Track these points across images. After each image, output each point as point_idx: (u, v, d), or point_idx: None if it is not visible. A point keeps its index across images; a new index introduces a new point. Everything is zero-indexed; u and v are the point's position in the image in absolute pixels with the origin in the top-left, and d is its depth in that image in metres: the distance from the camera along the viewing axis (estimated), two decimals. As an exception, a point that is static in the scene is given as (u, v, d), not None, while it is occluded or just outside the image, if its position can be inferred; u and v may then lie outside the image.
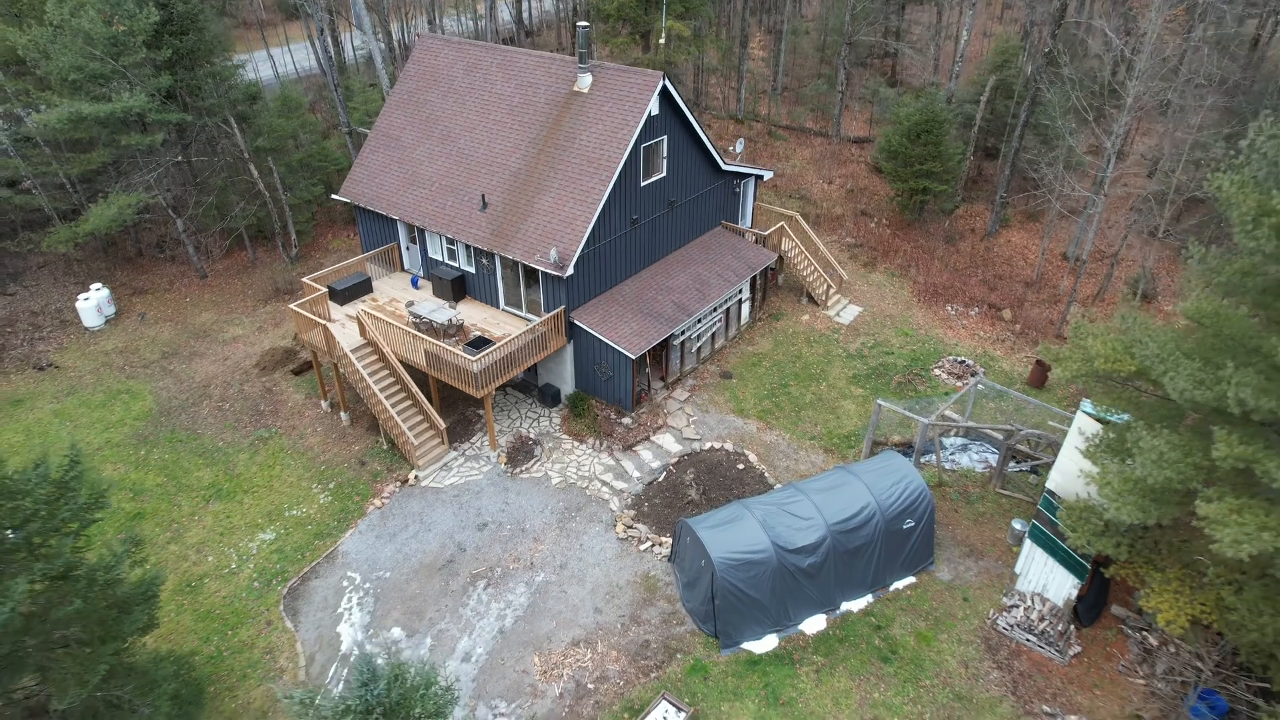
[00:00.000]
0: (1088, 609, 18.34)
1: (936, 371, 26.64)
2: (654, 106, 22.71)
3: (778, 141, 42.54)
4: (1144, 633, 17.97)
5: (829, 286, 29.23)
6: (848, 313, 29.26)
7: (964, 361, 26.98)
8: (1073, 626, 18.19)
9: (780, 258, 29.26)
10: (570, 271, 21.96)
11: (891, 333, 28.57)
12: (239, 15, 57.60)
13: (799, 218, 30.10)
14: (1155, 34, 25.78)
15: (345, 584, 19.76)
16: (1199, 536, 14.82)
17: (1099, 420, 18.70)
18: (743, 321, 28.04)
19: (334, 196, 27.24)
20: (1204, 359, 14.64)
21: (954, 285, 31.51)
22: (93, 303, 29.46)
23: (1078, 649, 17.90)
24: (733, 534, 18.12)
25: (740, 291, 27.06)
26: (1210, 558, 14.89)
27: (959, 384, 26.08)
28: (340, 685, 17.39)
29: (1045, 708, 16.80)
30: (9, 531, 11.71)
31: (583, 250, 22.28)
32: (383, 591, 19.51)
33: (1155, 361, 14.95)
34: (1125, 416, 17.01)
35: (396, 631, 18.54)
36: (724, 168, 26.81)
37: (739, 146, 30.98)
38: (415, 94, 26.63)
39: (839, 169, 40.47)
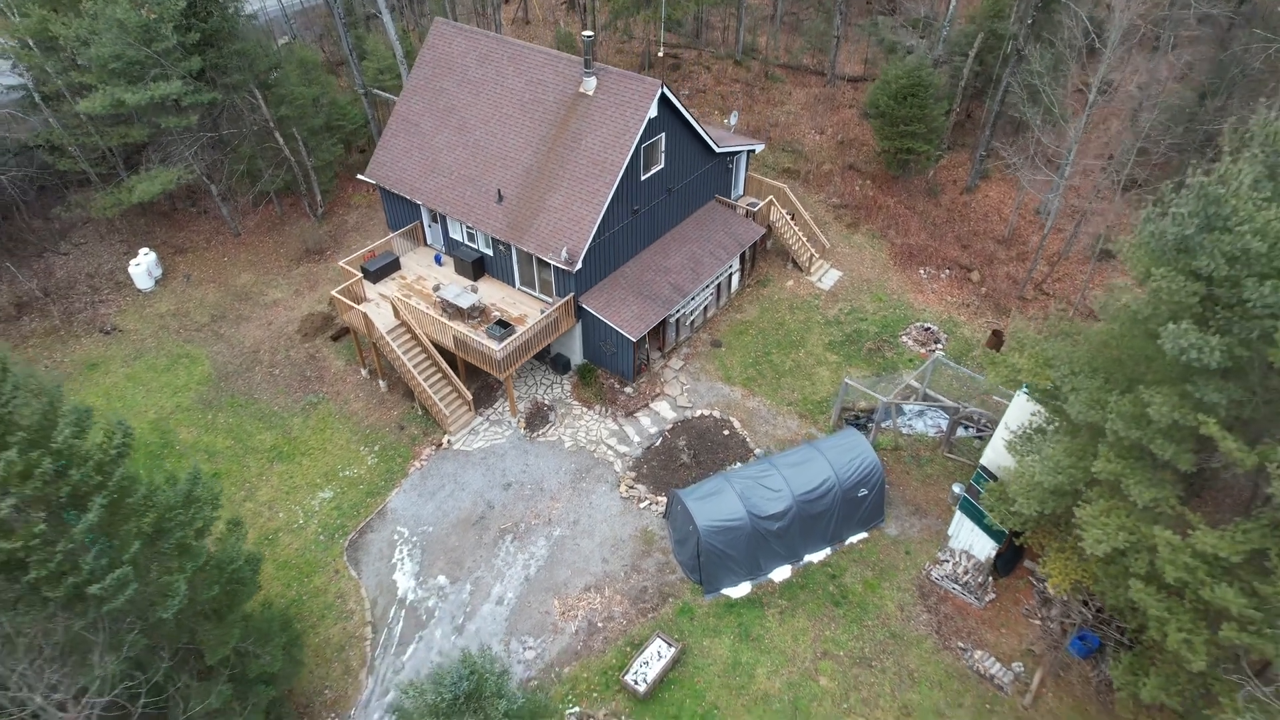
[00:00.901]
0: (1005, 564, 22.49)
1: (904, 339, 29.93)
2: (653, 110, 24.96)
3: (775, 85, 43.90)
4: (1044, 583, 22.18)
5: (812, 255, 32.04)
6: (829, 278, 32.22)
7: (929, 328, 30.22)
8: (991, 578, 22.41)
9: (769, 227, 31.91)
10: (579, 267, 24.92)
11: (867, 298, 31.64)
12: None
13: (786, 190, 32.51)
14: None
15: (396, 537, 23.90)
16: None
17: (1038, 399, 22.17)
18: (733, 290, 31.06)
19: (360, 177, 29.71)
20: (1107, 375, 18.03)
21: (929, 246, 34.25)
22: (143, 267, 32.41)
23: (993, 596, 22.18)
24: (715, 504, 22.05)
25: (731, 266, 29.95)
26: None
27: (923, 351, 29.42)
28: (400, 625, 21.77)
29: (959, 644, 21.22)
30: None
31: (589, 245, 25.13)
32: (428, 544, 23.66)
33: (1063, 380, 18.36)
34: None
35: (442, 579, 22.80)
36: (717, 150, 29.08)
37: (733, 119, 32.99)
38: (432, 81, 28.60)
39: (832, 115, 42.14)
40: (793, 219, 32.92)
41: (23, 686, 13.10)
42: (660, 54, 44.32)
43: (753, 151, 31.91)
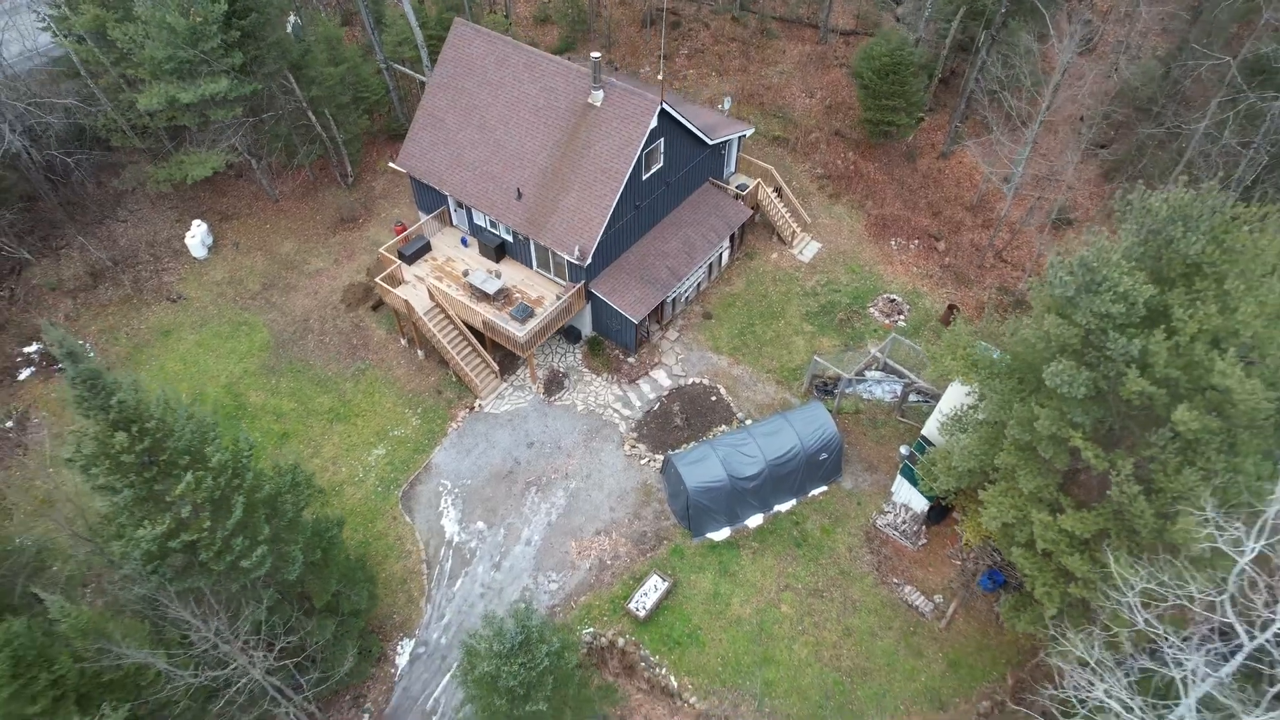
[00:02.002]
0: (936, 515, 27.77)
1: (871, 310, 34.24)
2: (653, 122, 28.38)
3: (770, 42, 46.11)
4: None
5: (795, 231, 35.90)
6: (809, 250, 36.17)
7: (894, 300, 34.49)
8: (924, 526, 27.74)
9: (756, 205, 35.61)
10: (589, 262, 29.02)
11: (842, 270, 35.72)
12: None
13: (773, 170, 35.98)
14: None
15: (440, 489, 29.10)
16: (987, 498, 23.78)
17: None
18: (723, 264, 35.11)
19: (391, 165, 33.24)
20: (1020, 378, 22.65)
21: (902, 217, 37.99)
22: (197, 238, 36.32)
23: (924, 541, 27.57)
24: (702, 469, 27.10)
25: (721, 245, 33.87)
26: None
27: (888, 322, 33.79)
28: (450, 563, 27.25)
29: (894, 579, 26.76)
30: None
31: (597, 242, 29.11)
32: (467, 495, 28.89)
33: (982, 383, 23.00)
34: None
35: (480, 524, 28.15)
36: (711, 143, 32.46)
37: (726, 105, 36.04)
38: (454, 80, 31.69)
39: (823, 75, 44.69)
40: (778, 194, 36.52)
41: (201, 629, 18.41)
42: (663, 6, 46.15)
43: (744, 136, 35.14)
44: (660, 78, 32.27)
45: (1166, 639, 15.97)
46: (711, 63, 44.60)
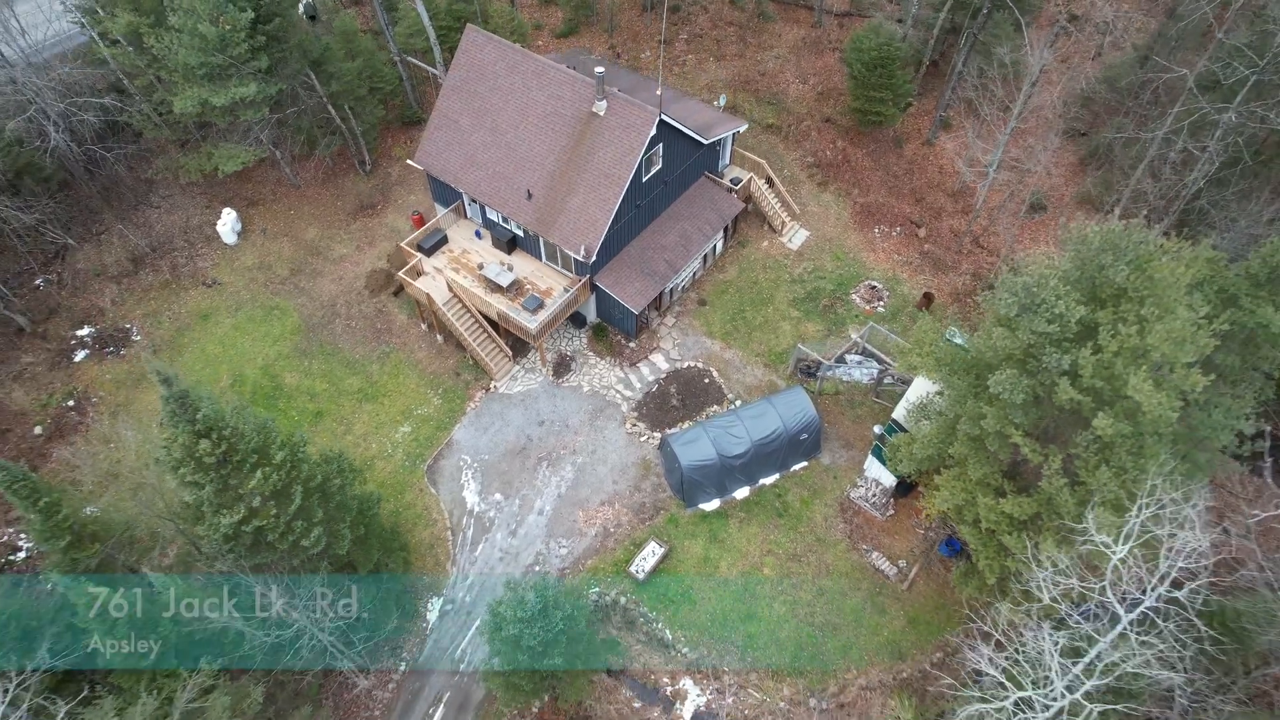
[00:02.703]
0: (903, 489, 31.19)
1: (854, 296, 37.11)
2: (652, 130, 30.83)
3: (767, 25, 47.77)
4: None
5: (784, 221, 38.52)
6: (797, 238, 38.85)
7: (875, 286, 37.34)
8: (892, 499, 31.20)
9: (749, 199, 38.14)
10: (593, 259, 31.83)
11: (828, 257, 38.45)
12: None
13: (765, 164, 38.38)
14: None
15: (461, 464, 32.50)
16: (943, 480, 27.14)
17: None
18: (717, 253, 37.83)
19: (410, 163, 35.71)
20: (976, 375, 25.76)
21: (886, 204, 40.52)
22: (228, 225, 39.00)
23: (892, 512, 31.06)
24: (695, 449, 30.41)
25: (716, 237, 36.56)
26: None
27: (868, 308, 36.71)
28: (471, 530, 30.81)
29: (864, 546, 30.33)
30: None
31: (601, 240, 31.86)
32: (486, 469, 32.30)
33: (943, 379, 26.12)
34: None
35: (498, 496, 31.62)
36: (706, 142, 34.85)
37: (721, 101, 38.23)
38: (467, 83, 33.94)
39: (816, 60, 46.54)
40: (770, 185, 38.99)
41: (270, 596, 21.96)
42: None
43: (738, 132, 37.44)
44: (660, 67, 34.44)
45: (1069, 612, 19.45)
46: (709, 48, 46.43)
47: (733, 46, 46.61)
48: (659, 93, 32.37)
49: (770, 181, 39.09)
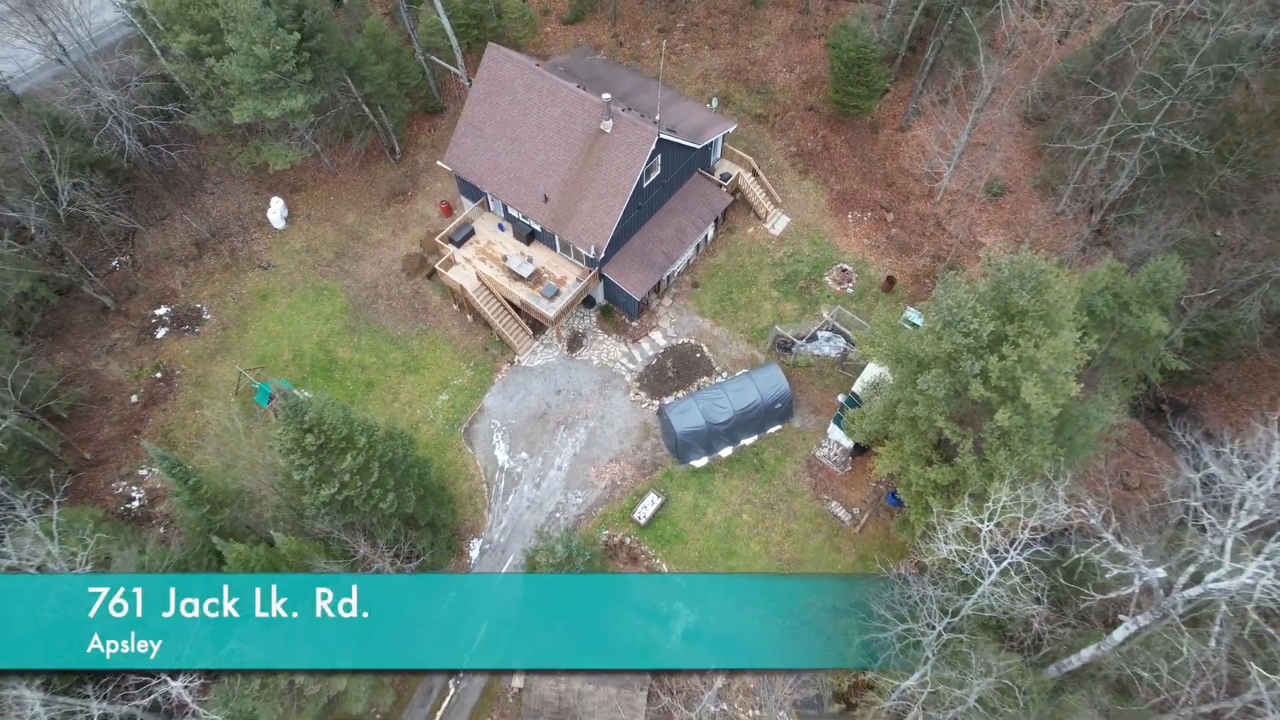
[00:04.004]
0: (860, 450, 37.58)
1: (827, 278, 42.67)
2: (653, 146, 35.82)
3: (758, 11, 51.51)
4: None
5: (768, 210, 43.69)
6: (779, 224, 44.09)
7: (845, 269, 42.85)
8: (851, 457, 37.62)
9: (737, 190, 43.21)
10: (602, 256, 37.32)
11: (805, 242, 43.79)
12: None
13: (752, 160, 43.28)
14: None
15: (492, 427, 38.79)
16: (888, 448, 33.47)
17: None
18: (709, 241, 43.17)
19: (439, 164, 40.67)
20: (916, 366, 31.78)
21: (860, 190, 45.54)
22: (276, 212, 44.18)
23: (850, 468, 37.54)
24: (687, 417, 36.64)
25: (708, 228, 41.82)
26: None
27: (839, 289, 42.32)
28: (502, 484, 37.34)
29: (826, 496, 36.94)
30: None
31: (609, 240, 37.25)
32: (513, 431, 38.60)
33: (892, 367, 32.12)
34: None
35: (524, 454, 38.02)
36: (697, 147, 39.74)
37: (714, 104, 42.79)
38: (489, 96, 38.63)
39: (803, 47, 50.57)
40: (755, 177, 43.96)
41: (358, 547, 28.52)
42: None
43: (729, 131, 42.20)
44: (661, 64, 38.98)
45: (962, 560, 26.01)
46: (705, 36, 50.38)
47: (726, 35, 50.56)
48: (659, 94, 37.12)
49: (755, 174, 44.03)
